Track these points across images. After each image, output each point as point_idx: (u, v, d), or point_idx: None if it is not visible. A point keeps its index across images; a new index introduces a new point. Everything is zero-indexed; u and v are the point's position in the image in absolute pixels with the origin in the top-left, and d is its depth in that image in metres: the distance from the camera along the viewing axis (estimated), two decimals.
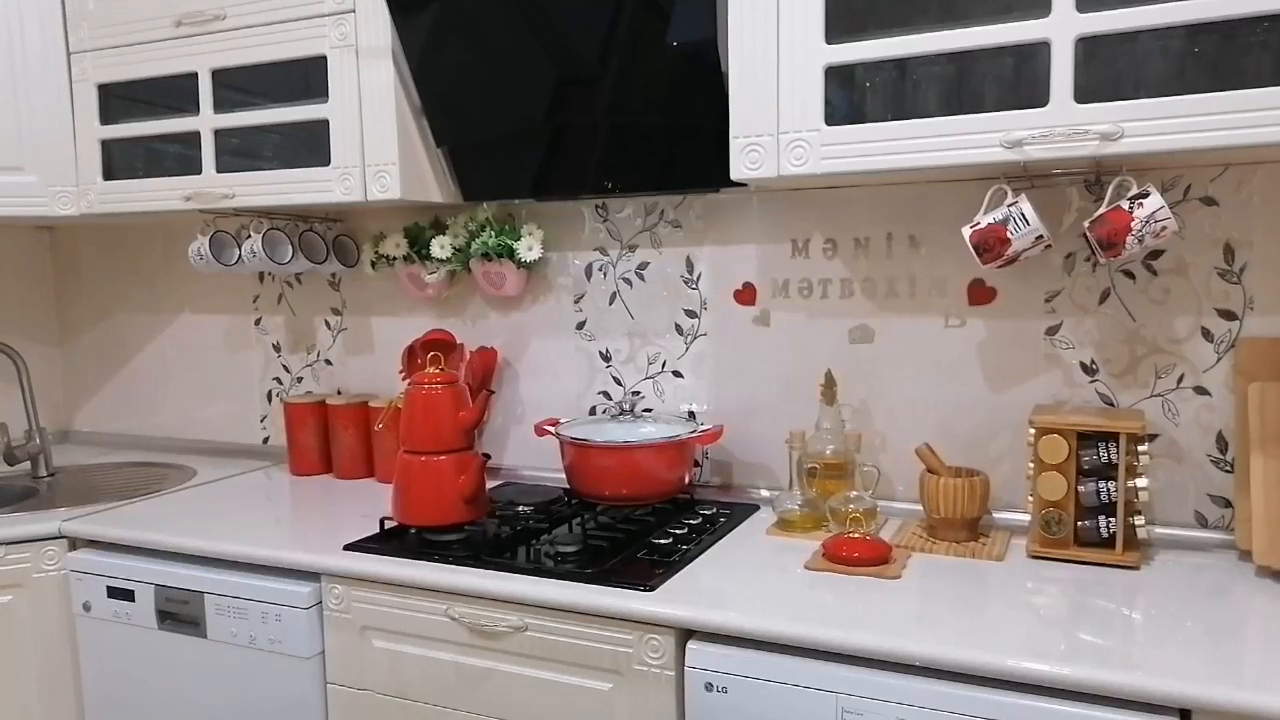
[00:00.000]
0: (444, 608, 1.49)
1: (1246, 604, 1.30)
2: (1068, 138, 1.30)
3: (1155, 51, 1.28)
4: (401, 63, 1.83)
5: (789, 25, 1.46)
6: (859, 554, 1.47)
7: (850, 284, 1.79)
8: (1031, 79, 1.34)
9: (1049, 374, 1.65)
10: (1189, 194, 1.53)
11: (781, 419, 1.86)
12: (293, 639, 1.61)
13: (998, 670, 1.14)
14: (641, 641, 1.36)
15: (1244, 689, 1.05)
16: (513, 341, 2.12)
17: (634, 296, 1.99)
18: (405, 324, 2.23)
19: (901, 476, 1.77)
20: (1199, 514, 1.57)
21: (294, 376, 2.39)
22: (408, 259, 2.09)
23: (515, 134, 1.87)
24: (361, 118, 1.83)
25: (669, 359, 1.97)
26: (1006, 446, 1.69)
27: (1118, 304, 1.59)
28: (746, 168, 1.51)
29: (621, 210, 1.98)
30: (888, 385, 1.78)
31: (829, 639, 1.23)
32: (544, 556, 1.55)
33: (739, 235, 1.88)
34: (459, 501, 1.62)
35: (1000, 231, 1.45)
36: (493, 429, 2.15)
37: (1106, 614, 1.27)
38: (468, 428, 1.65)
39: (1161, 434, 1.58)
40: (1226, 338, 1.53)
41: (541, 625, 1.43)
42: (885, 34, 1.41)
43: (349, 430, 2.14)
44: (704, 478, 1.96)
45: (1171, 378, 1.57)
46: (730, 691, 1.29)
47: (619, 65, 1.71)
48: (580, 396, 2.06)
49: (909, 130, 1.40)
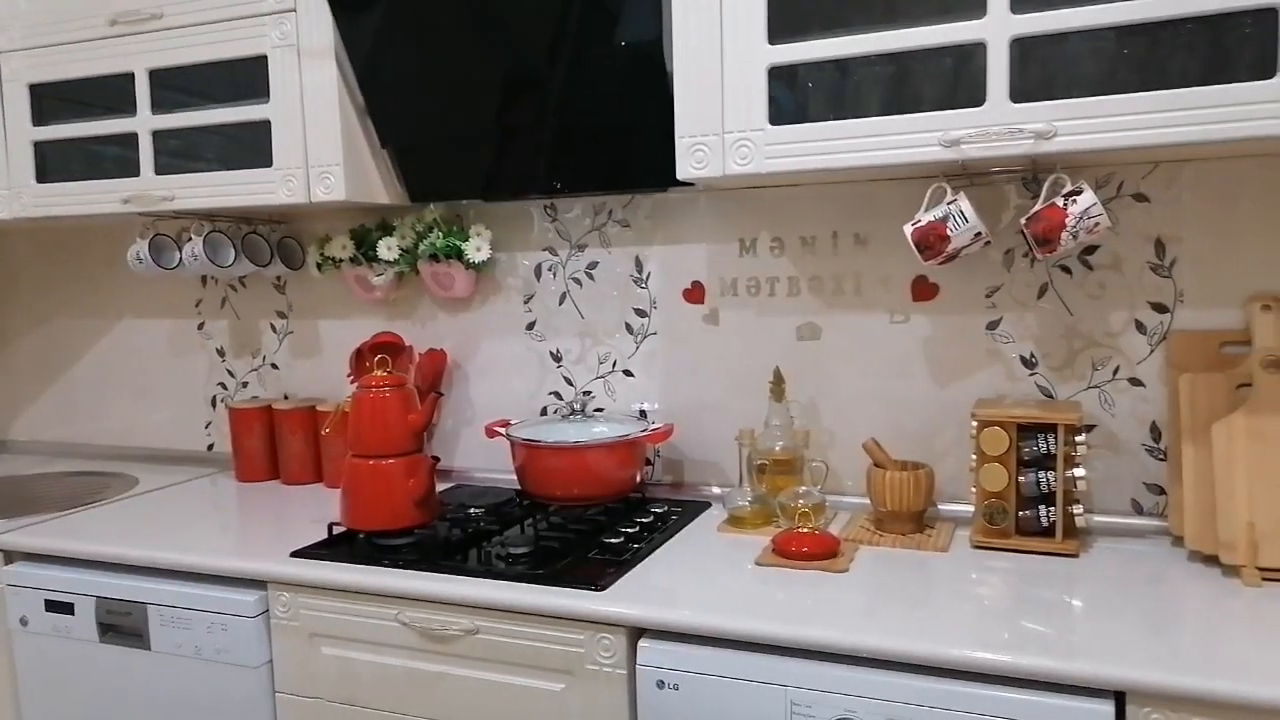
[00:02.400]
0: (394, 612, 1.48)
1: (1180, 588, 1.34)
2: (1003, 137, 1.33)
3: (1087, 53, 1.32)
4: (345, 63, 1.81)
5: (732, 26, 1.47)
6: (807, 549, 1.49)
7: (797, 282, 1.81)
8: (969, 79, 1.36)
9: (990, 368, 1.69)
10: (1121, 191, 1.57)
11: (731, 416, 1.88)
12: (239, 648, 1.58)
13: (942, 659, 1.17)
14: (593, 641, 1.36)
15: (1175, 672, 1.08)
16: (463, 343, 2.10)
17: (584, 296, 1.99)
18: (353, 326, 2.20)
19: (850, 471, 1.79)
20: (1135, 502, 1.61)
21: (239, 381, 2.35)
22: (354, 261, 2.06)
23: (462, 135, 1.86)
24: (304, 118, 1.81)
25: (619, 358, 1.97)
26: (951, 440, 1.72)
27: (1055, 299, 1.63)
28: (692, 167, 1.52)
29: (570, 210, 1.98)
30: (835, 381, 1.80)
31: (777, 633, 1.24)
32: (495, 558, 1.54)
33: (687, 234, 1.89)
34: (408, 505, 1.61)
35: (940, 229, 1.47)
36: (443, 431, 2.14)
37: (1047, 602, 1.30)
38: (416, 430, 1.64)
39: (1098, 425, 1.62)
40: (1159, 330, 1.58)
41: (493, 627, 1.42)
42: (827, 34, 1.43)
43: (296, 435, 2.11)
44: (656, 476, 1.96)
45: (1107, 370, 1.61)
46: (682, 688, 1.29)
47: (568, 65, 1.71)
48: (531, 397, 2.05)
49: (851, 130, 1.42)
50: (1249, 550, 1.35)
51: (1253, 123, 1.21)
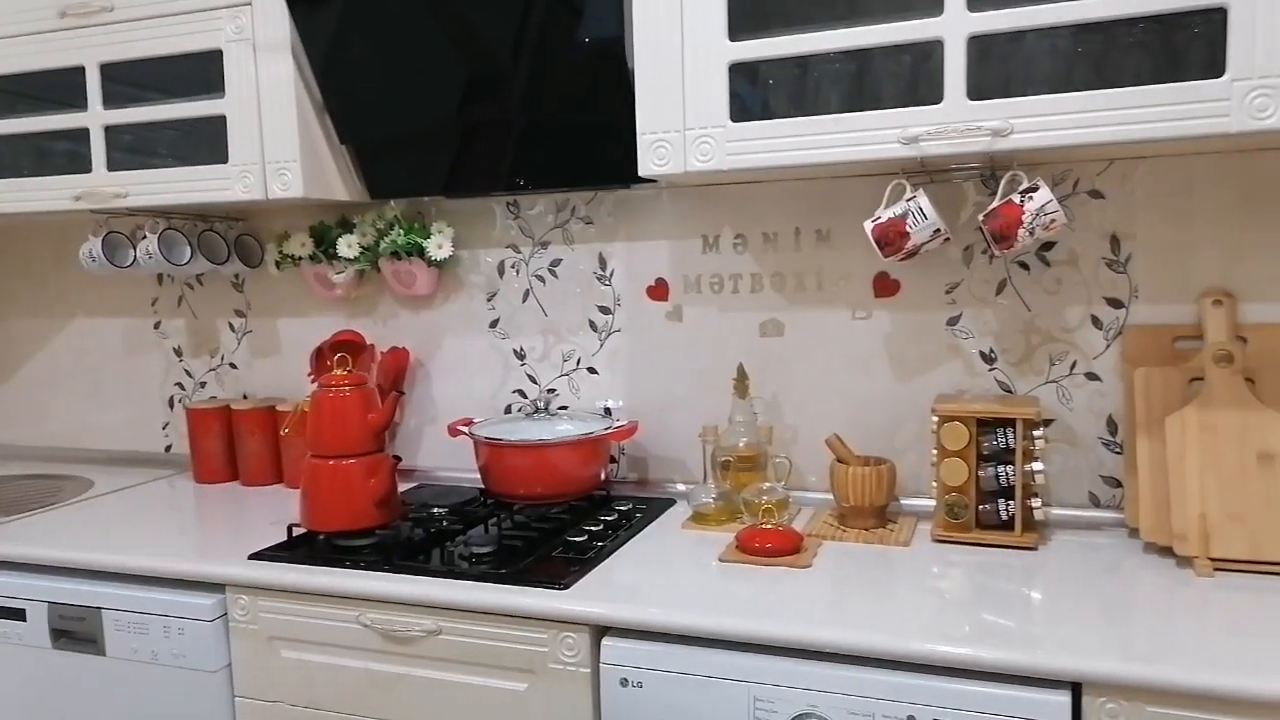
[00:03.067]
0: (355, 614, 1.46)
1: (1135, 579, 1.36)
2: (961, 134, 1.34)
3: (1043, 51, 1.33)
4: (302, 58, 1.79)
5: (693, 22, 1.47)
6: (771, 545, 1.49)
7: (760, 278, 1.81)
8: (927, 77, 1.37)
9: (951, 363, 1.70)
10: (1077, 187, 1.59)
11: (696, 413, 1.88)
12: (197, 653, 1.55)
13: (902, 653, 1.17)
14: (556, 640, 1.35)
15: (1129, 662, 1.10)
16: (425, 341, 2.08)
17: (547, 294, 1.98)
18: (313, 325, 2.17)
19: (813, 467, 1.80)
20: (1093, 494, 1.64)
21: (197, 381, 2.31)
22: (314, 258, 2.04)
23: (424, 131, 1.84)
24: (260, 114, 1.78)
25: (584, 356, 1.96)
26: (912, 435, 1.73)
27: (1014, 295, 1.65)
28: (654, 164, 1.52)
29: (533, 207, 1.97)
30: (798, 378, 1.80)
31: (740, 630, 1.24)
32: (458, 558, 1.53)
33: (651, 231, 1.88)
34: (369, 505, 1.59)
35: (900, 225, 1.48)
36: (406, 430, 2.12)
37: (1006, 595, 1.32)
38: (377, 430, 1.62)
39: (1056, 419, 1.64)
40: (1114, 325, 1.60)
41: (455, 628, 1.41)
42: (787, 31, 1.43)
43: (255, 435, 2.08)
44: (620, 474, 1.96)
45: (1065, 365, 1.63)
46: (645, 686, 1.29)
47: (531, 62, 1.69)
48: (495, 395, 2.04)
49: (811, 127, 1.43)
50: (1201, 541, 1.37)
51: (1202, 120, 1.23)
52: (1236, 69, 1.21)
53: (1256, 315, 1.51)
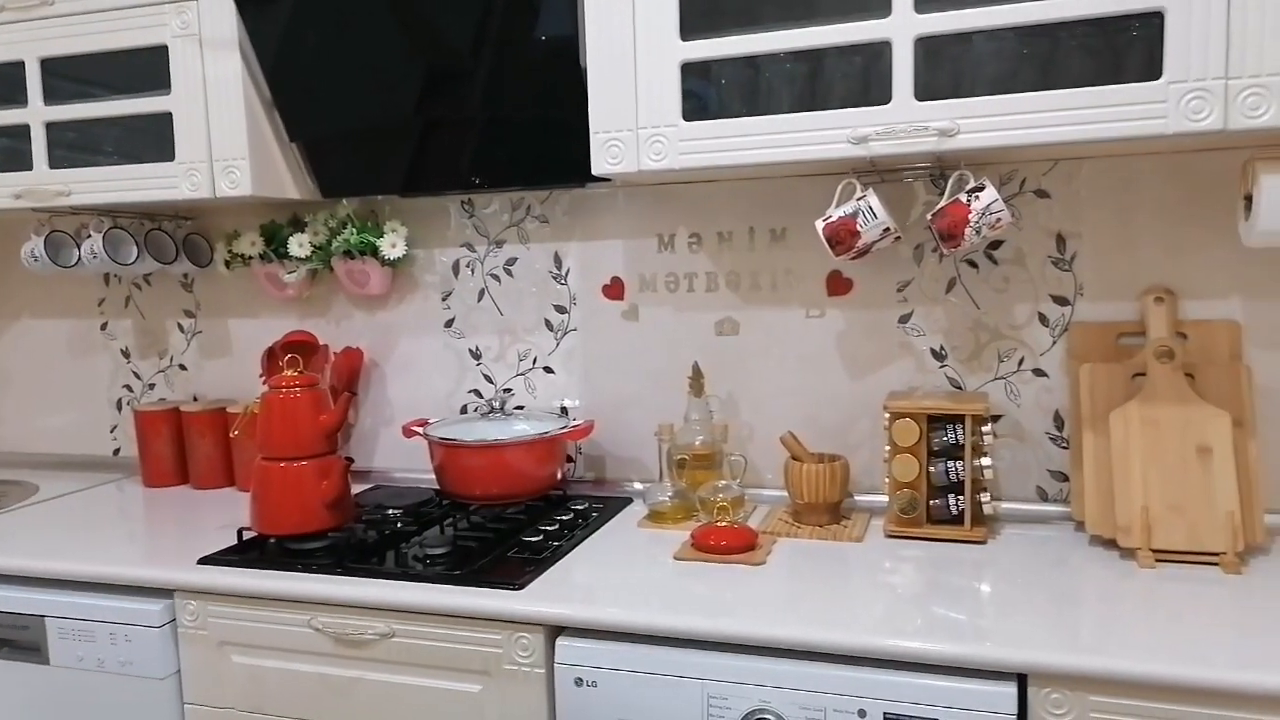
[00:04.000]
0: (306, 618, 1.45)
1: (1081, 571, 1.39)
2: (909, 134, 1.35)
3: (989, 53, 1.35)
4: (250, 54, 1.76)
5: (645, 22, 1.47)
6: (726, 542, 1.50)
7: (715, 277, 1.82)
8: (876, 77, 1.39)
9: (902, 361, 1.72)
10: (1024, 187, 1.62)
11: (652, 412, 1.88)
12: (145, 660, 1.53)
13: (852, 648, 1.19)
14: (511, 641, 1.35)
15: (1073, 653, 1.12)
16: (380, 341, 2.06)
17: (503, 293, 1.97)
18: (265, 325, 2.14)
19: (769, 464, 1.81)
20: (1040, 489, 1.67)
21: (145, 383, 2.27)
22: (264, 258, 2.01)
23: (379, 128, 1.82)
24: (208, 111, 1.75)
25: (540, 355, 1.96)
26: (865, 431, 1.75)
27: (963, 293, 1.68)
28: (607, 163, 1.52)
29: (488, 206, 1.96)
30: (753, 376, 1.82)
31: (693, 627, 1.25)
32: (412, 560, 1.52)
33: (606, 230, 1.88)
34: (321, 508, 1.57)
35: (850, 224, 1.50)
36: (361, 431, 2.10)
37: (957, 588, 1.34)
38: (329, 431, 1.60)
39: (1005, 415, 1.67)
40: (1060, 322, 1.63)
41: (409, 630, 1.40)
42: (738, 32, 1.44)
43: (206, 438, 2.05)
44: (578, 473, 1.96)
45: (1013, 361, 1.66)
46: (600, 685, 1.29)
47: (491, 58, 1.68)
48: (450, 395, 2.03)
49: (763, 126, 1.43)
50: (1143, 533, 1.40)
51: (1141, 122, 1.25)
52: (1173, 72, 1.24)
53: (1196, 312, 1.55)
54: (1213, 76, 1.22)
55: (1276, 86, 1.20)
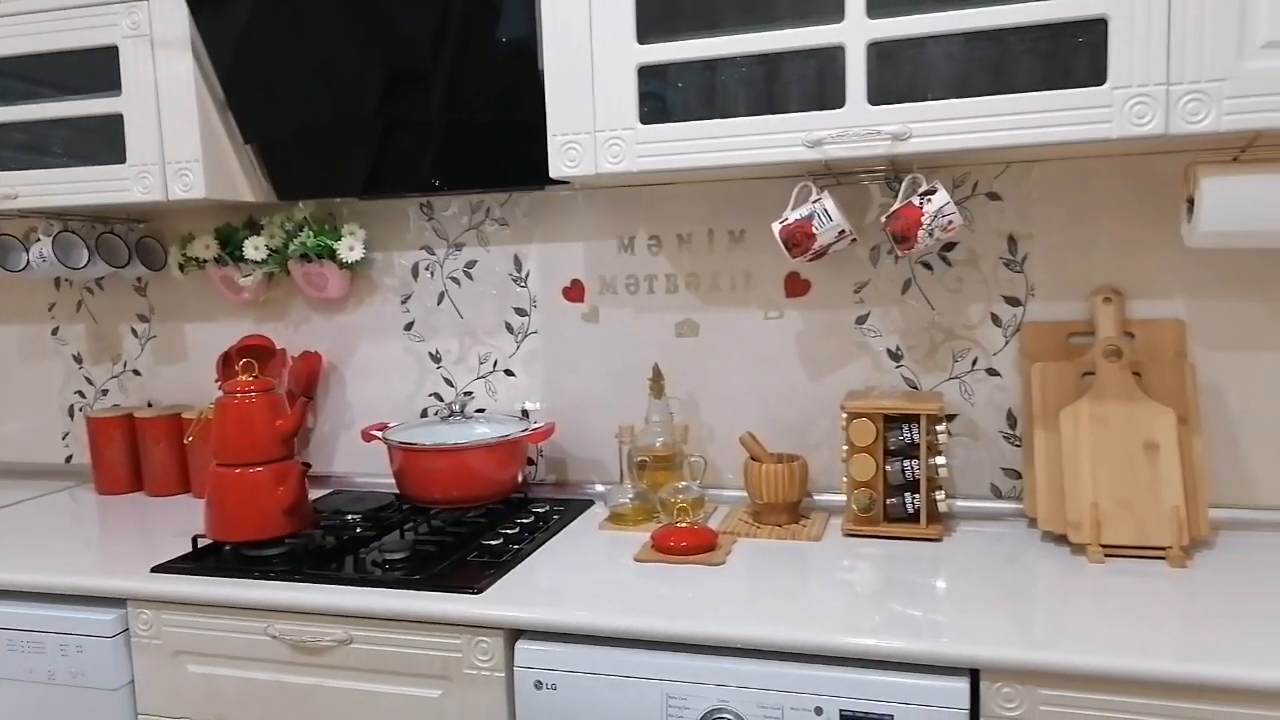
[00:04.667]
0: (263, 625, 1.43)
1: (1033, 567, 1.42)
2: (862, 138, 1.37)
3: (940, 58, 1.37)
4: (203, 54, 1.74)
5: (602, 25, 1.47)
6: (686, 543, 1.51)
7: (675, 279, 1.83)
8: (831, 82, 1.40)
9: (860, 361, 1.74)
10: (976, 190, 1.65)
11: (613, 414, 1.88)
12: (97, 671, 1.50)
13: (808, 646, 1.20)
14: (471, 645, 1.35)
15: (1023, 648, 1.14)
16: (338, 345, 2.05)
17: (463, 296, 1.96)
18: (221, 329, 2.11)
19: (730, 465, 1.82)
20: (994, 486, 1.69)
21: (98, 389, 2.23)
22: (219, 261, 1.98)
23: (336, 130, 1.80)
24: (159, 112, 1.73)
25: (500, 358, 1.95)
26: (824, 431, 1.77)
27: (918, 294, 1.70)
28: (565, 165, 1.52)
29: (447, 208, 1.95)
30: (713, 377, 1.83)
31: (652, 628, 1.25)
32: (370, 565, 1.51)
33: (566, 233, 1.88)
34: (278, 514, 1.56)
35: (806, 227, 1.51)
36: (320, 436, 2.08)
37: (912, 586, 1.36)
38: (285, 436, 1.58)
39: (960, 414, 1.70)
40: (1013, 322, 1.66)
41: (367, 636, 1.39)
42: (695, 35, 1.44)
43: (160, 444, 2.02)
44: (539, 476, 1.95)
45: (967, 361, 1.69)
46: (560, 688, 1.29)
47: (451, 60, 1.67)
48: (411, 399, 2.02)
49: (720, 129, 1.44)
50: (1093, 529, 1.43)
51: (1087, 126, 1.28)
52: (1117, 78, 1.26)
53: (1143, 311, 1.59)
54: (1154, 82, 1.25)
55: (1214, 93, 1.23)
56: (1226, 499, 1.57)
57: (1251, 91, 1.22)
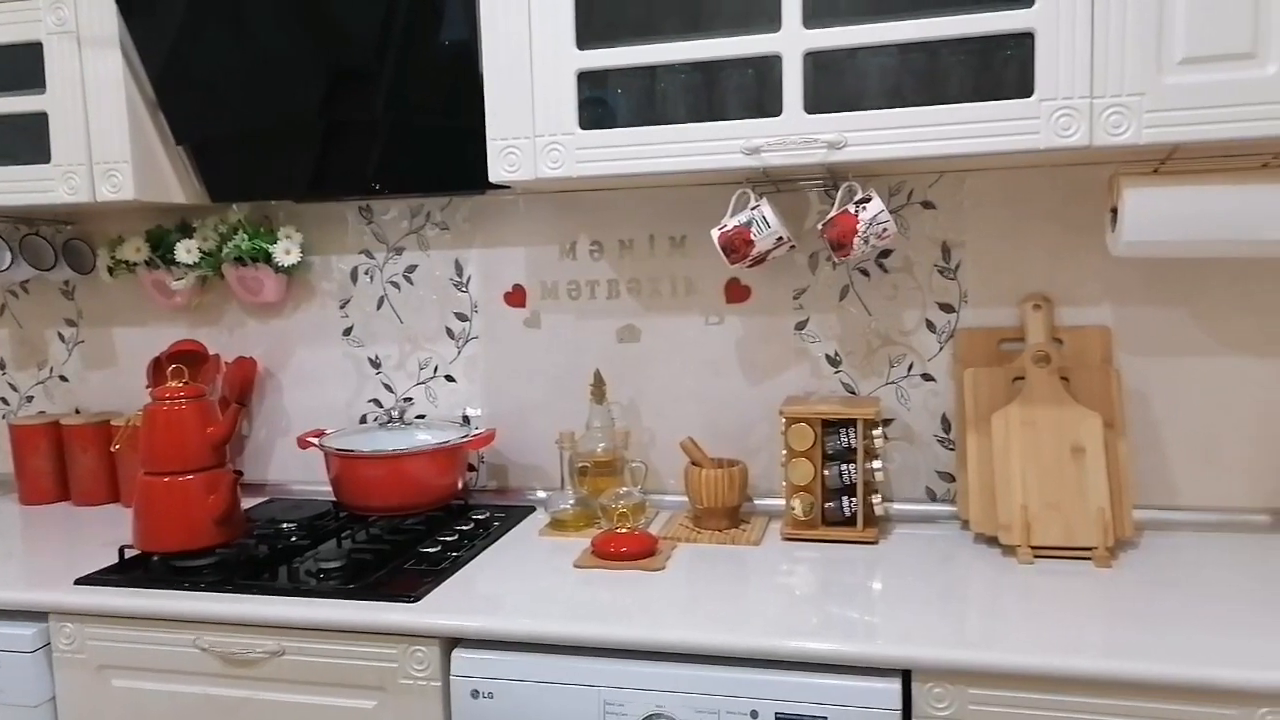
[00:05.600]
0: (192, 638, 1.40)
1: (966, 569, 1.44)
2: (799, 146, 1.39)
3: (875, 68, 1.39)
4: (133, 53, 1.70)
5: (541, 30, 1.47)
6: (625, 549, 1.51)
7: (617, 285, 1.83)
8: (769, 90, 1.42)
9: (799, 366, 1.76)
10: (911, 198, 1.67)
11: (555, 419, 1.88)
12: (15, 687, 1.45)
13: (743, 650, 1.21)
14: (406, 655, 1.33)
15: (954, 648, 1.16)
16: (275, 350, 2.01)
17: (403, 300, 1.94)
18: (153, 334, 2.06)
19: (671, 470, 1.83)
20: (929, 489, 1.72)
21: (23, 395, 2.16)
22: (150, 264, 1.93)
23: (271, 132, 1.77)
24: (86, 111, 1.68)
25: (441, 363, 1.93)
26: (763, 436, 1.78)
27: (856, 300, 1.72)
28: (505, 170, 1.51)
29: (387, 212, 1.92)
30: (654, 382, 1.83)
31: (589, 635, 1.25)
32: (304, 575, 1.48)
33: (507, 238, 1.87)
34: (209, 523, 1.52)
35: (745, 233, 1.52)
36: (256, 443, 2.04)
37: (849, 589, 1.37)
38: (217, 444, 1.55)
39: (896, 418, 1.72)
40: (947, 328, 1.69)
41: (300, 647, 1.36)
42: (634, 42, 1.45)
43: (88, 452, 1.96)
44: (481, 482, 1.94)
45: (903, 366, 1.71)
46: (497, 696, 1.28)
47: (394, 63, 1.65)
48: (350, 405, 1.99)
49: (659, 136, 1.45)
50: (1023, 531, 1.46)
51: (1015, 137, 1.31)
52: (1044, 90, 1.30)
53: (1071, 318, 1.63)
54: (1079, 95, 1.29)
55: (1135, 106, 1.27)
56: (1150, 500, 1.62)
57: (1169, 105, 1.26)
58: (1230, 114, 1.24)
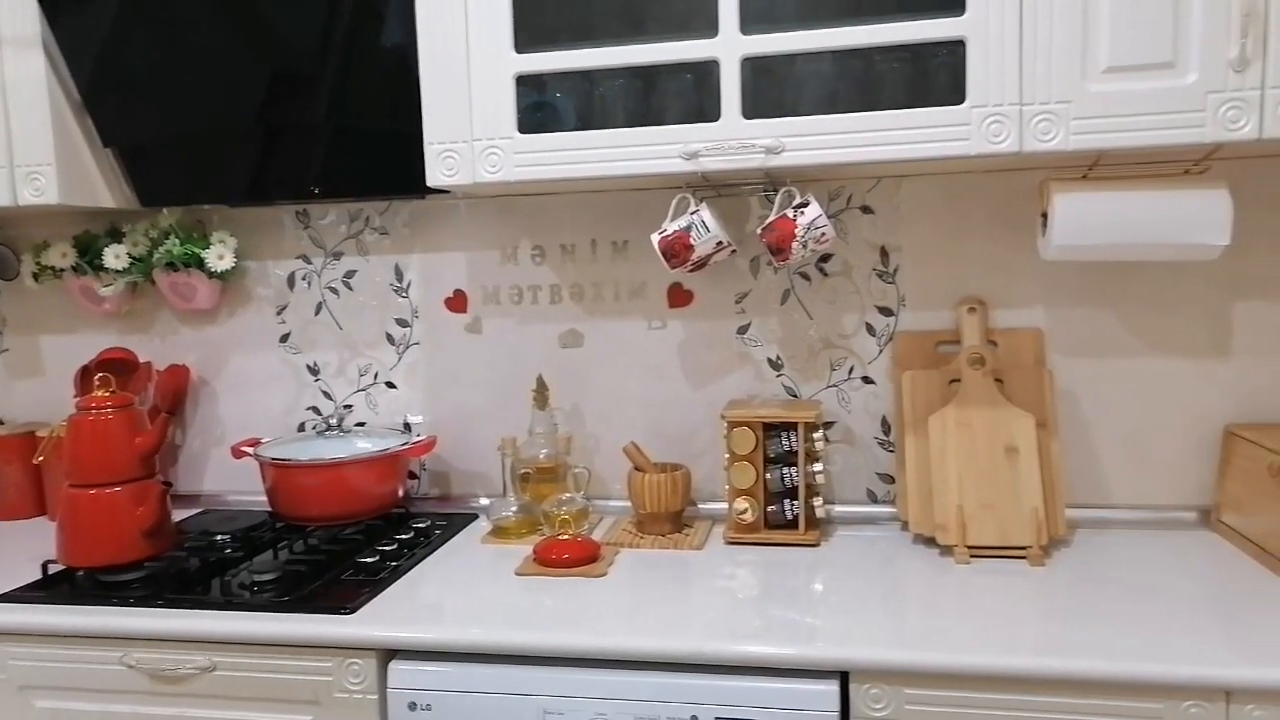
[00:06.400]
0: (119, 655, 1.35)
1: (905, 569, 1.46)
2: (737, 151, 1.39)
3: (811, 74, 1.40)
4: (57, 54, 1.64)
5: (478, 33, 1.46)
6: (567, 555, 1.50)
7: (559, 289, 1.82)
8: (707, 95, 1.42)
9: (742, 370, 1.77)
10: (850, 203, 1.69)
11: (498, 425, 1.86)
12: None
13: (681, 655, 1.21)
14: (342, 668, 1.30)
15: (890, 648, 1.17)
16: (209, 358, 1.96)
17: (341, 306, 1.91)
18: (81, 342, 2.00)
19: (616, 475, 1.82)
20: (870, 491, 1.74)
21: None
22: (78, 270, 1.88)
23: (204, 135, 1.73)
24: (7, 113, 1.63)
25: (381, 370, 1.91)
26: (707, 440, 1.79)
27: (797, 304, 1.73)
28: (443, 174, 1.50)
29: (324, 216, 1.89)
30: (598, 387, 1.82)
31: (526, 643, 1.24)
32: (237, 588, 1.45)
33: (448, 242, 1.85)
34: (137, 536, 1.48)
35: (685, 238, 1.53)
36: (190, 453, 1.98)
37: (790, 591, 1.38)
38: (145, 454, 1.51)
39: (837, 421, 1.74)
40: (886, 332, 1.71)
41: (232, 662, 1.33)
42: (573, 46, 1.44)
43: (12, 464, 1.89)
44: (423, 490, 1.91)
45: (844, 370, 1.73)
46: (434, 708, 1.26)
47: (336, 66, 1.62)
48: (288, 413, 1.95)
49: (598, 140, 1.44)
50: (959, 530, 1.48)
51: (948, 143, 1.33)
52: (975, 97, 1.32)
53: (1005, 321, 1.66)
54: (1009, 102, 1.31)
55: (1063, 113, 1.30)
56: (1082, 499, 1.65)
57: (1095, 113, 1.29)
58: (1152, 121, 1.27)
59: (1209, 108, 1.26)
